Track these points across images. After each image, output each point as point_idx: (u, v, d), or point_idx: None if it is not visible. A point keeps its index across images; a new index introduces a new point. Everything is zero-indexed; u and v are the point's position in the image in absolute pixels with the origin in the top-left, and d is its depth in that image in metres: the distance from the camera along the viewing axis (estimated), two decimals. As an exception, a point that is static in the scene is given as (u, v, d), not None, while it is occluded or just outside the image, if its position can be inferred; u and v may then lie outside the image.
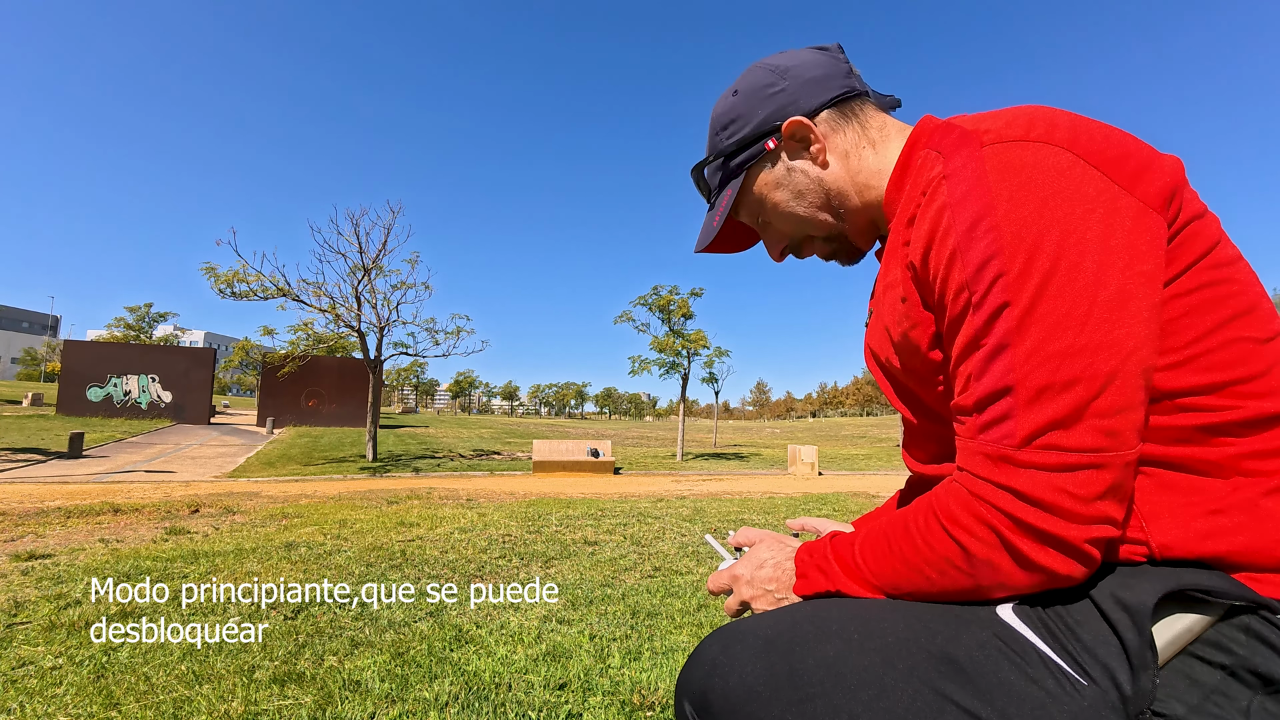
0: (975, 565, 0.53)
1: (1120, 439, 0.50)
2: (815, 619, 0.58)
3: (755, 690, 0.54)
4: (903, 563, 0.58)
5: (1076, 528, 0.50)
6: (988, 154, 0.55)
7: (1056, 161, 0.53)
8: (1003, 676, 0.51)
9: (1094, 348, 0.49)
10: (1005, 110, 0.60)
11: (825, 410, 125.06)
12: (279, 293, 15.47)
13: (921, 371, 0.64)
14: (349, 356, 26.53)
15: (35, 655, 2.02)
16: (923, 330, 0.62)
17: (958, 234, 0.54)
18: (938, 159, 0.59)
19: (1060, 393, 0.49)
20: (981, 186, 0.54)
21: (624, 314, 21.37)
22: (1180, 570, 0.53)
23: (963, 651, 0.53)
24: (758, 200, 0.78)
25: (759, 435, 45.91)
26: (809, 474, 15.68)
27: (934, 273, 0.57)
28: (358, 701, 1.67)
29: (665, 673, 1.87)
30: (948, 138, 0.60)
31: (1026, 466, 0.50)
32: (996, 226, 0.52)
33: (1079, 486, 0.49)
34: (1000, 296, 0.51)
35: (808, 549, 0.67)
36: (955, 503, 0.54)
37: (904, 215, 0.63)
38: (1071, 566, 0.51)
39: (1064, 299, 0.50)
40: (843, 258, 0.81)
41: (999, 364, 0.52)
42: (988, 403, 0.53)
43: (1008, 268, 0.51)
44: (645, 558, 3.61)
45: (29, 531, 4.47)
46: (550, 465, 15.09)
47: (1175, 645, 0.51)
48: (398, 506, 6.18)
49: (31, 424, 21.06)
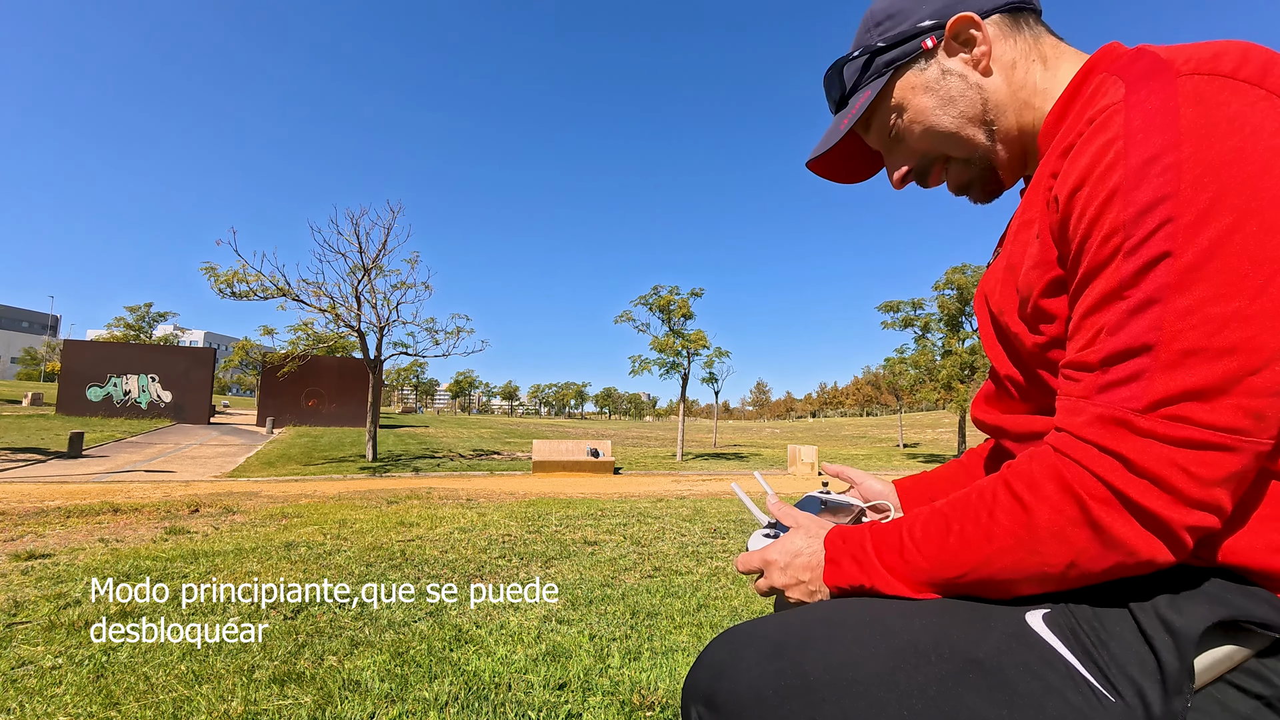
0: (1042, 540, 0.48)
1: (1265, 424, 0.44)
2: (827, 622, 0.57)
3: (764, 695, 0.53)
4: (958, 538, 0.52)
5: (1182, 510, 0.44)
6: (1183, 84, 0.47)
7: (1266, 108, 0.45)
8: (1022, 685, 0.48)
9: (1268, 315, 0.43)
10: (1213, 42, 0.52)
11: (825, 410, 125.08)
12: (279, 293, 15.49)
13: (1030, 315, 0.58)
14: (349, 356, 26.57)
15: (35, 655, 2.01)
16: (1042, 273, 0.55)
17: (1125, 170, 0.46)
18: (1118, 85, 0.51)
19: (1212, 360, 0.43)
20: (1166, 119, 0.46)
21: (624, 314, 21.41)
22: (1232, 595, 0.48)
23: (983, 657, 0.50)
24: (897, 106, 0.69)
25: (759, 435, 45.92)
26: (809, 474, 15.69)
27: (1083, 211, 0.49)
28: (358, 701, 1.67)
29: (665, 673, 1.87)
30: (1136, 63, 0.52)
31: (1145, 435, 0.45)
32: (1177, 165, 0.45)
33: (1201, 466, 0.44)
34: (1163, 244, 0.44)
35: (841, 534, 0.62)
36: (1039, 467, 0.49)
37: (1060, 144, 0.55)
38: (1158, 551, 0.46)
39: (1242, 258, 0.43)
40: (977, 190, 0.71)
41: (1144, 318, 0.45)
42: (1117, 360, 0.46)
43: (1179, 213, 0.44)
44: (645, 558, 3.61)
45: (29, 531, 4.47)
46: (550, 465, 15.09)
47: (1213, 672, 0.48)
48: (397, 506, 6.17)
49: (31, 424, 21.06)
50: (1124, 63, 0.54)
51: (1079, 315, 0.50)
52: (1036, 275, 0.56)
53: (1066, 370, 0.51)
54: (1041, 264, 0.55)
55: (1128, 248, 0.46)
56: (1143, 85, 0.49)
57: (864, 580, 0.58)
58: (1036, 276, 0.56)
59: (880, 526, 0.60)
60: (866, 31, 0.69)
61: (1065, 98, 0.61)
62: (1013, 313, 0.61)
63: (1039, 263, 0.56)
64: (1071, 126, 0.55)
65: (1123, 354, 0.46)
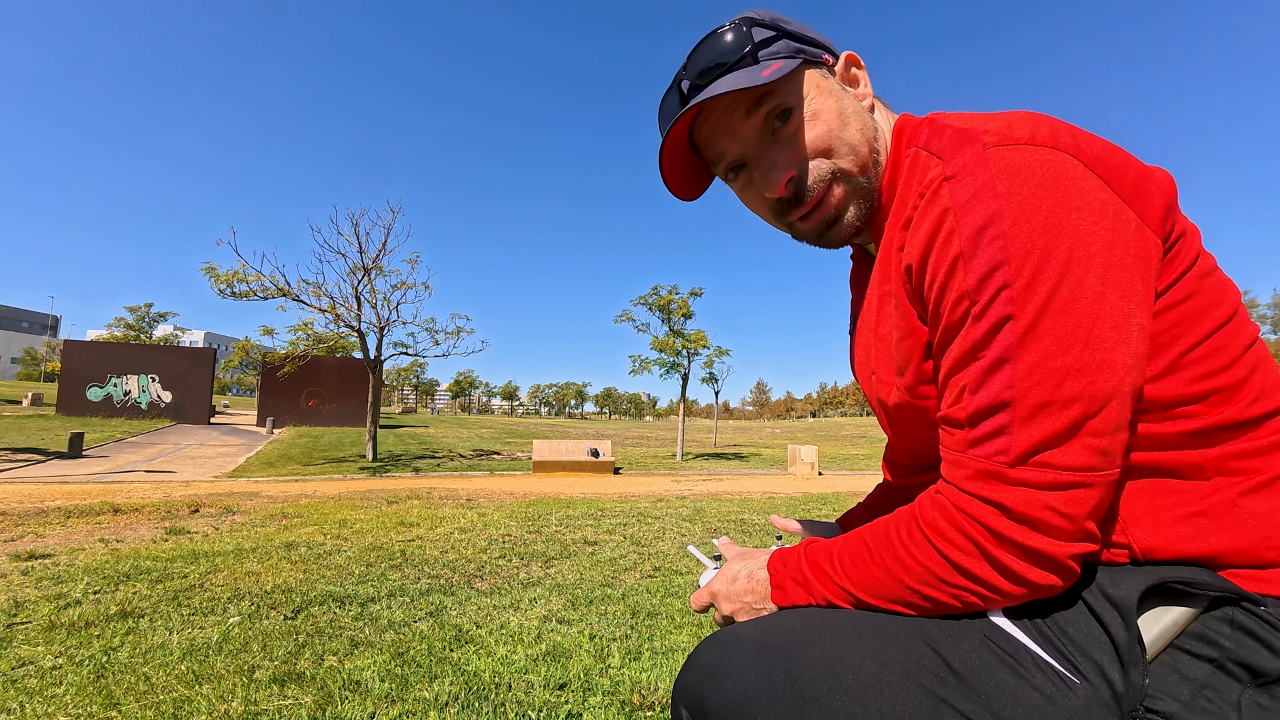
0: (959, 578, 0.53)
1: (1110, 458, 0.50)
2: (811, 622, 0.58)
3: (752, 695, 0.54)
4: (885, 573, 0.57)
5: (1061, 544, 0.50)
6: (994, 156, 0.53)
7: (1065, 168, 0.52)
8: (997, 678, 0.51)
9: (1095, 366, 0.49)
10: (997, 114, 0.58)
11: (825, 410, 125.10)
12: (279, 293, 15.46)
13: (912, 383, 0.63)
14: (349, 356, 26.54)
15: (35, 655, 2.01)
16: (915, 340, 0.61)
17: (962, 240, 0.52)
18: (932, 160, 0.57)
19: (1059, 410, 0.49)
20: (988, 191, 0.52)
21: (624, 314, 21.37)
22: (1163, 566, 0.54)
23: (958, 654, 0.53)
24: (800, 98, 0.64)
25: (759, 435, 45.90)
26: (809, 474, 15.68)
27: (931, 278, 0.55)
28: (358, 701, 1.67)
29: (665, 673, 1.87)
30: (940, 137, 0.58)
31: (1017, 484, 0.50)
32: (1004, 234, 0.50)
33: (1068, 505, 0.49)
34: (1004, 309, 0.50)
35: (781, 558, 0.66)
36: (940, 515, 0.54)
37: (898, 217, 0.61)
38: (1052, 579, 0.51)
39: (1068, 316, 0.49)
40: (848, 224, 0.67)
41: (998, 378, 0.51)
42: (983, 416, 0.52)
43: (1013, 279, 0.50)
44: (645, 558, 3.61)
45: (29, 531, 4.47)
46: (550, 465, 15.09)
47: (1162, 639, 0.52)
48: (398, 506, 6.17)
49: (31, 424, 21.06)
50: (926, 136, 0.60)
51: (943, 374, 0.56)
52: (911, 344, 0.61)
53: (942, 425, 0.57)
54: (912, 332, 0.61)
55: (975, 312, 0.52)
56: (957, 157, 0.55)
57: (809, 601, 0.62)
58: (911, 345, 0.61)
59: (814, 551, 0.63)
60: (773, 17, 0.67)
61: (891, 163, 0.66)
62: (891, 376, 0.65)
63: (908, 331, 0.61)
64: (904, 199, 0.61)
65: (986, 411, 0.52)
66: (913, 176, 0.59)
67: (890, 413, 0.69)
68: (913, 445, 0.72)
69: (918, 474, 0.76)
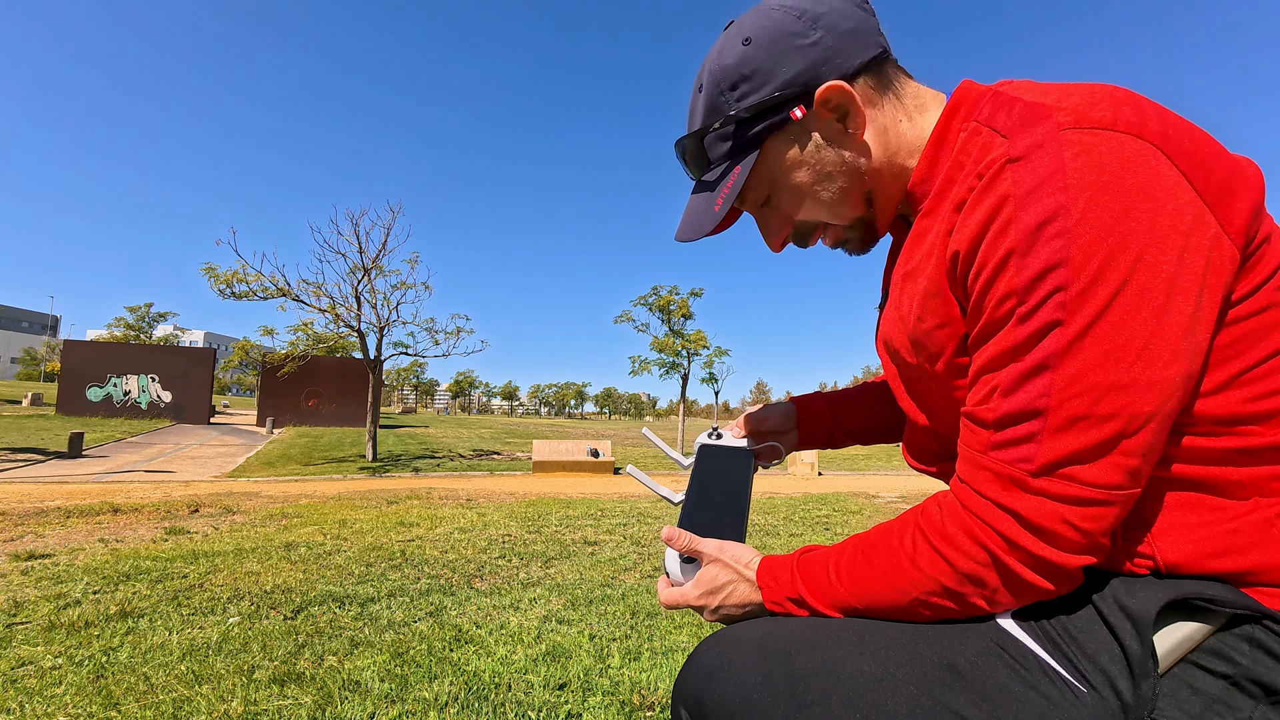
0: (967, 586, 0.52)
1: (1138, 478, 0.48)
2: (813, 625, 0.58)
3: (752, 697, 0.54)
4: (888, 585, 0.55)
5: (1070, 556, 0.49)
6: (1068, 140, 0.47)
7: (1146, 160, 0.46)
8: (1002, 683, 0.50)
9: (1142, 385, 0.46)
10: (1075, 85, 0.52)
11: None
12: (279, 293, 15.45)
13: (941, 373, 0.59)
14: (349, 356, 26.48)
15: (35, 655, 2.01)
16: (952, 331, 0.57)
17: (1019, 232, 0.47)
18: (995, 138, 0.52)
19: (1094, 426, 0.47)
20: (1056, 181, 0.47)
21: (624, 314, 21.42)
22: (1184, 580, 0.52)
23: (962, 658, 0.52)
24: (771, 180, 0.66)
25: (759, 435, 45.74)
26: (809, 474, 15.67)
27: (979, 269, 0.51)
28: (358, 701, 1.67)
29: (665, 673, 1.87)
30: (1007, 111, 0.53)
31: (1036, 493, 0.48)
32: (1067, 232, 0.46)
33: (1086, 520, 0.48)
34: (1054, 313, 0.47)
35: (771, 571, 0.63)
36: (949, 519, 0.53)
37: (952, 199, 0.55)
38: (1054, 586, 0.51)
39: (1122, 331, 0.46)
40: (854, 246, 0.71)
41: (1035, 384, 0.48)
42: (1011, 421, 0.49)
43: (1070, 282, 0.46)
44: (645, 558, 3.61)
45: (29, 531, 4.47)
46: (550, 465, 15.09)
47: (1176, 653, 0.51)
48: (397, 506, 6.17)
49: (31, 424, 21.06)
50: (991, 109, 0.55)
51: (975, 370, 0.53)
52: (946, 335, 0.57)
53: (965, 420, 0.54)
54: (949, 321, 0.57)
55: (1021, 313, 0.48)
56: (1025, 136, 0.49)
57: (805, 615, 0.61)
58: (946, 336, 0.57)
59: (808, 564, 0.61)
60: (720, 94, 0.63)
61: (932, 145, 0.61)
62: (922, 369, 0.62)
63: (945, 321, 0.57)
64: (957, 178, 0.55)
65: (1017, 416, 0.49)
66: (971, 152, 0.54)
67: (910, 393, 0.67)
68: (934, 431, 0.68)
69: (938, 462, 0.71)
